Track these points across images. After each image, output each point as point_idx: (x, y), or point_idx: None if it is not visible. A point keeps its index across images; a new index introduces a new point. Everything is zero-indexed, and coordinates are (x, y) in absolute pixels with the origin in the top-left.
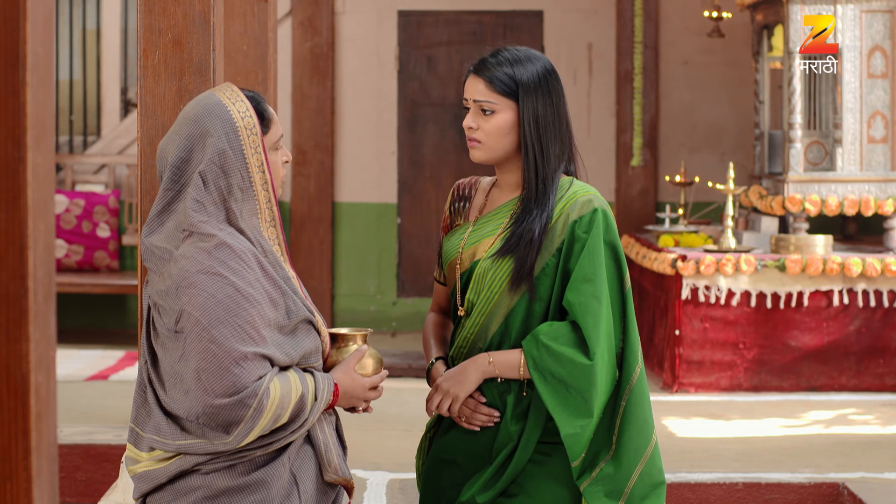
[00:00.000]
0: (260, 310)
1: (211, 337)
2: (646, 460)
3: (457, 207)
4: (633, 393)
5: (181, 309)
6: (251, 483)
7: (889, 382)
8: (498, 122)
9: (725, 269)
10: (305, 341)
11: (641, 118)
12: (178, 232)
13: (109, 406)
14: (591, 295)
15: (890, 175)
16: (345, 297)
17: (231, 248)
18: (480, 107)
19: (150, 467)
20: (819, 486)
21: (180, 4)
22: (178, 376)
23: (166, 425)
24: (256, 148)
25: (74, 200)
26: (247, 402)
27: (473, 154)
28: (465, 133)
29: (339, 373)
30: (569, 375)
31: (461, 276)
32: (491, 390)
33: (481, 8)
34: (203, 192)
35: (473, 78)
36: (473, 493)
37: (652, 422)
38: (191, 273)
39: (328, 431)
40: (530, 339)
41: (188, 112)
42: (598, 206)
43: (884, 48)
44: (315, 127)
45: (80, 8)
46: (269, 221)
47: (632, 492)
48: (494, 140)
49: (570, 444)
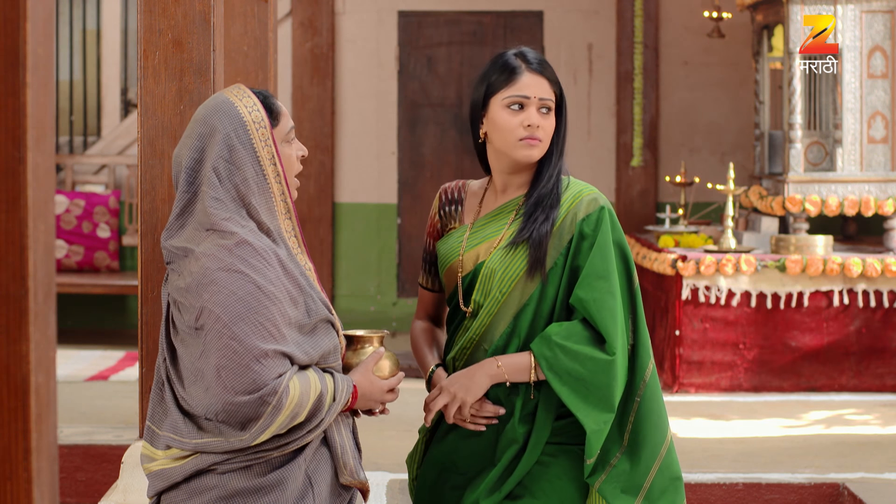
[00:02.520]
0: (281, 308)
1: (232, 334)
2: (663, 455)
3: (448, 211)
4: (647, 389)
5: (202, 306)
6: (266, 484)
7: (889, 383)
8: (552, 121)
9: (725, 269)
10: (324, 341)
11: (641, 118)
12: (200, 232)
13: (109, 406)
14: (606, 291)
15: (890, 175)
16: (345, 297)
17: (252, 245)
18: (544, 105)
19: (166, 465)
20: (819, 487)
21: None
22: (198, 373)
23: (183, 424)
24: (266, 141)
25: (74, 201)
26: (266, 400)
27: (533, 153)
28: (516, 132)
29: (358, 375)
30: (589, 373)
31: (463, 279)
32: (497, 391)
33: (481, 8)
34: (220, 188)
35: (535, 76)
36: (478, 497)
37: (666, 417)
38: (212, 270)
39: (345, 434)
40: (540, 342)
41: (197, 114)
42: (603, 205)
43: (884, 48)
44: (315, 127)
45: (80, 8)
46: (284, 214)
47: (651, 486)
48: (548, 139)
49: (594, 440)
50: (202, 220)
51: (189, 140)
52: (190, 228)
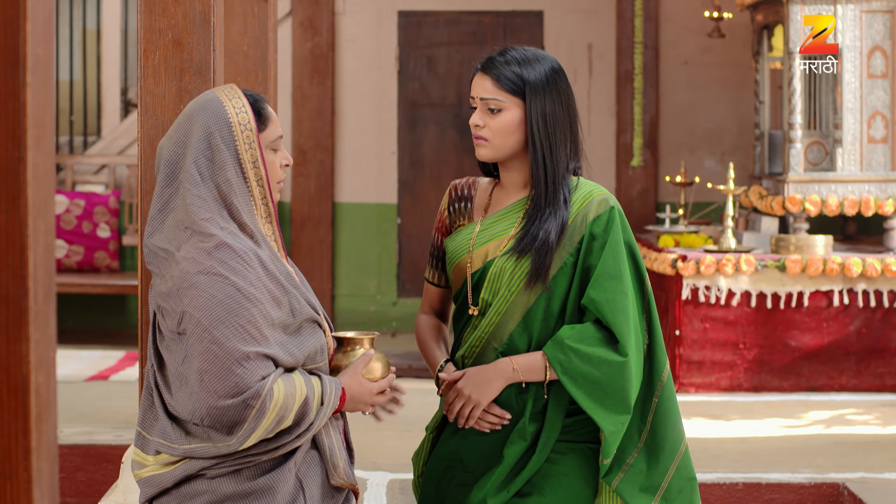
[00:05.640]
0: (262, 309)
1: (212, 338)
2: (681, 455)
3: (457, 208)
4: (665, 389)
5: (183, 311)
6: (257, 489)
7: (889, 382)
8: (504, 120)
9: (725, 269)
10: (310, 341)
11: (641, 118)
12: (180, 230)
13: (109, 406)
14: (618, 291)
15: (890, 175)
16: (345, 297)
17: (232, 248)
18: (487, 105)
19: (157, 472)
20: (819, 487)
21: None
22: (182, 378)
23: (172, 429)
24: (251, 143)
25: (75, 201)
26: (250, 403)
27: (480, 152)
28: (471, 132)
29: (347, 377)
30: (603, 375)
31: (472, 276)
32: (508, 389)
33: (481, 8)
34: (202, 186)
35: (481, 76)
36: (485, 495)
37: (681, 418)
38: (191, 274)
39: (334, 436)
40: (553, 345)
41: (186, 109)
42: (613, 205)
43: (884, 48)
44: (315, 127)
45: (80, 8)
46: (265, 217)
47: (669, 486)
48: (501, 138)
49: (611, 441)
50: (182, 217)
51: (174, 133)
52: (170, 224)
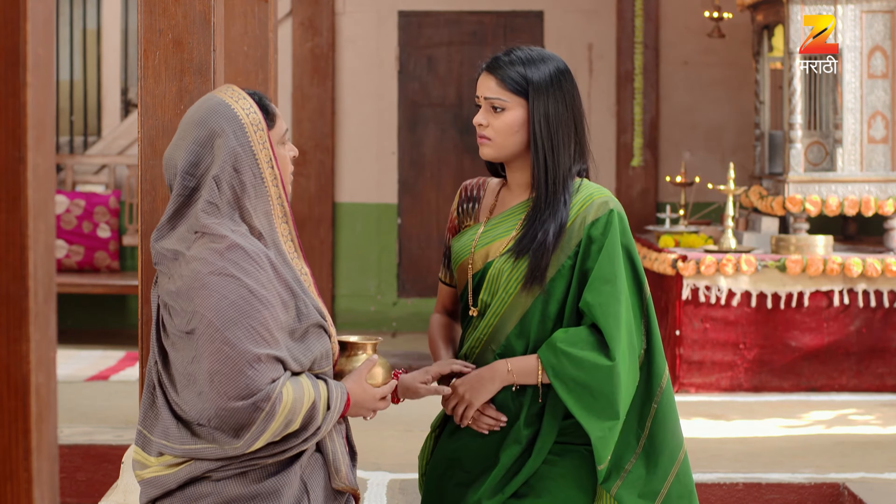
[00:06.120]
0: (273, 312)
1: (224, 339)
2: (681, 462)
3: (465, 208)
4: (664, 395)
5: (194, 310)
6: (262, 491)
7: (889, 382)
8: (507, 119)
9: (726, 269)
10: (316, 346)
11: (642, 118)
12: (190, 234)
13: (110, 406)
14: (611, 295)
15: (890, 175)
16: (345, 297)
17: (244, 249)
18: (491, 104)
19: (160, 473)
20: (819, 487)
21: (181, 5)
22: (190, 378)
23: (175, 429)
24: (264, 143)
25: (75, 201)
26: (260, 406)
27: (483, 151)
28: (474, 131)
29: (351, 382)
30: (592, 379)
31: (473, 277)
32: (505, 391)
33: (481, 8)
34: (216, 193)
35: (485, 76)
36: (481, 497)
37: (680, 424)
38: (203, 274)
39: (337, 440)
40: (546, 348)
41: (192, 116)
42: (614, 208)
43: (884, 48)
44: (315, 127)
45: (80, 8)
46: (281, 217)
47: (669, 492)
48: (503, 137)
49: (599, 447)
50: (193, 223)
51: (184, 143)
52: (181, 230)
